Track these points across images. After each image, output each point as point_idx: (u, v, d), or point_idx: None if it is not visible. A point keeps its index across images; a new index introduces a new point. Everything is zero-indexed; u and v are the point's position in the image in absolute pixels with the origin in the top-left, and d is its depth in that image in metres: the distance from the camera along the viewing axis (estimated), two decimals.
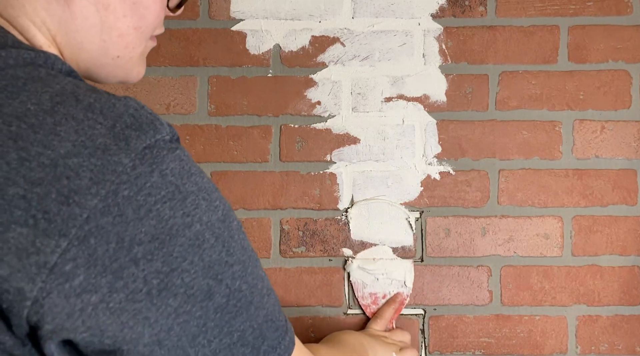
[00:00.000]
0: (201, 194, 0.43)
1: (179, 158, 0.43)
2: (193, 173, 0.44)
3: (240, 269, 0.45)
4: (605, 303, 0.94)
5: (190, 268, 0.41)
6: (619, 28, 0.95)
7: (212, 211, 0.44)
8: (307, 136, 0.95)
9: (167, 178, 0.41)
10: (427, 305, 0.95)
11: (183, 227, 0.41)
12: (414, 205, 0.95)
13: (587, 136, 0.95)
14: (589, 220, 0.95)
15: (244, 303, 0.45)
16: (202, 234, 0.42)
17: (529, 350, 0.94)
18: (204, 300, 0.42)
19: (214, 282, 0.43)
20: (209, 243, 0.43)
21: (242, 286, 0.45)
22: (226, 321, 0.44)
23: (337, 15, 0.96)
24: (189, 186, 0.43)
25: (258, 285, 0.47)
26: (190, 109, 0.95)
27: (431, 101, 0.95)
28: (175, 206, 0.41)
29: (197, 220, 0.42)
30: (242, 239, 0.47)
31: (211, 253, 0.43)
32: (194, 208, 0.42)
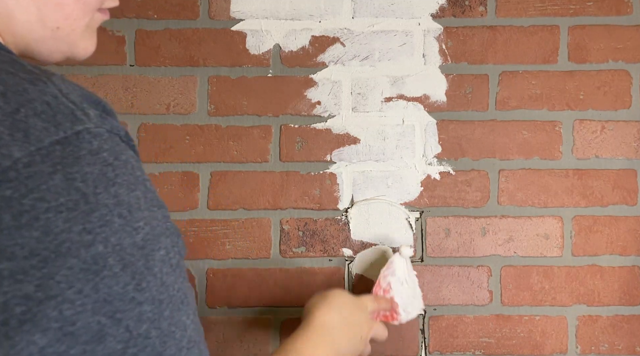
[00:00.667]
0: (118, 210, 0.36)
1: (103, 162, 0.36)
2: (117, 183, 0.36)
3: (152, 310, 0.36)
4: (605, 303, 0.94)
5: (76, 298, 0.33)
6: (619, 28, 0.95)
7: (127, 232, 0.36)
8: (307, 136, 0.95)
9: (74, 184, 0.34)
10: (427, 305, 0.95)
11: (78, 246, 0.33)
12: (414, 205, 0.95)
13: (587, 136, 0.95)
14: (589, 220, 0.95)
15: (150, 354, 0.36)
16: (104, 259, 0.34)
17: (529, 350, 0.94)
18: (89, 342, 0.33)
19: (108, 321, 0.34)
20: (111, 271, 0.34)
21: (151, 332, 0.36)
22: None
23: (337, 15, 0.96)
24: (103, 197, 0.35)
25: (176, 334, 0.38)
26: (190, 109, 0.95)
27: (431, 101, 0.95)
28: (74, 219, 0.34)
29: (101, 241, 0.34)
30: (166, 273, 0.38)
31: (112, 284, 0.34)
32: (101, 225, 0.35)
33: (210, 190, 0.95)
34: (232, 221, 0.95)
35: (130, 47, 0.95)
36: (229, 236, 0.95)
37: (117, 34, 0.95)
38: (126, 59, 0.95)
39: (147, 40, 0.95)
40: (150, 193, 0.39)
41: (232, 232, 0.95)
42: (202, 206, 0.95)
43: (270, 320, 0.94)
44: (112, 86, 0.95)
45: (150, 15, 0.95)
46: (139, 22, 0.95)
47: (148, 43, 0.95)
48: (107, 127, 0.37)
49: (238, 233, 0.95)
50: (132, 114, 0.95)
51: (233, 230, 0.95)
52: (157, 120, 0.95)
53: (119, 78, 0.95)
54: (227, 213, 0.95)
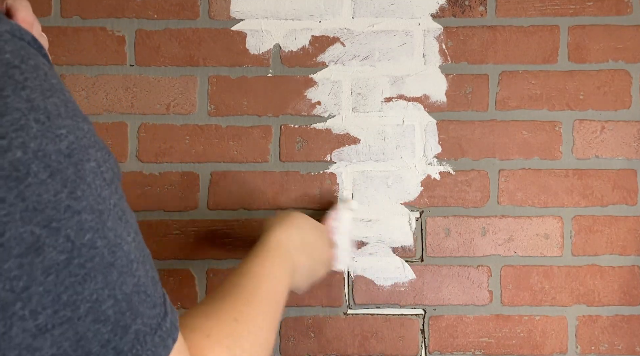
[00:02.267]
0: (33, 115, 0.32)
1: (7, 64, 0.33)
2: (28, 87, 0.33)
3: (93, 219, 0.34)
4: (605, 303, 0.94)
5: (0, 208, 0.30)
6: (619, 28, 0.95)
7: (50, 138, 0.33)
8: (307, 136, 0.95)
9: None
10: (427, 305, 0.95)
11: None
12: (414, 205, 0.95)
13: (587, 136, 0.95)
14: (589, 220, 0.95)
15: (100, 264, 0.34)
16: (26, 165, 0.31)
17: (529, 350, 0.94)
18: (24, 255, 0.31)
19: (44, 231, 0.31)
20: (37, 178, 0.31)
21: (97, 242, 0.34)
22: (66, 285, 0.32)
23: (337, 15, 0.96)
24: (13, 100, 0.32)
25: (123, 246, 0.36)
26: (190, 109, 0.95)
27: (431, 101, 0.95)
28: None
29: (19, 145, 0.31)
30: (100, 186, 0.35)
31: (40, 191, 0.31)
32: (14, 129, 0.31)
33: (210, 190, 0.95)
34: (232, 221, 0.95)
35: (130, 47, 0.95)
36: (229, 236, 0.95)
37: (117, 34, 0.95)
38: (126, 59, 0.95)
39: (147, 40, 0.95)
40: (71, 103, 0.35)
41: (232, 232, 0.95)
42: (202, 206, 0.95)
43: None
44: (112, 86, 0.95)
45: (150, 15, 0.95)
46: (139, 22, 0.95)
47: (148, 43, 0.95)
48: (6, 27, 0.34)
49: (238, 233, 0.95)
50: (132, 114, 0.95)
51: (233, 230, 0.95)
52: (157, 120, 0.95)
53: (119, 78, 0.95)
54: (227, 213, 0.95)
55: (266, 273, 0.61)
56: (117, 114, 0.95)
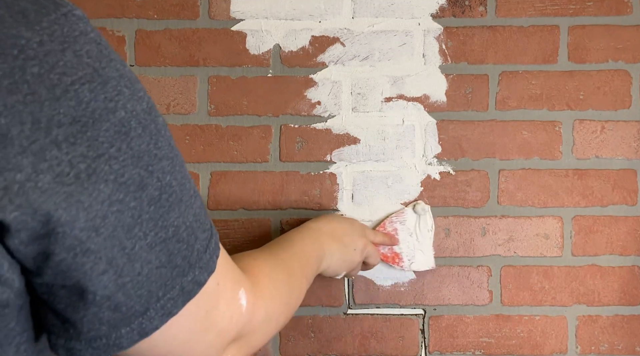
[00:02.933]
0: (123, 81, 0.40)
1: (95, 41, 0.40)
2: (113, 59, 0.41)
3: (169, 164, 0.43)
4: (605, 303, 0.94)
5: (119, 155, 0.39)
6: (619, 28, 0.95)
7: (137, 100, 0.41)
8: (307, 136, 0.95)
9: (83, 59, 0.38)
10: (427, 305, 0.95)
11: (106, 112, 0.38)
12: None
13: (587, 136, 0.95)
14: (589, 220, 0.95)
15: (175, 199, 0.43)
16: (128, 122, 0.40)
17: (529, 350, 0.94)
18: (136, 191, 0.40)
19: (145, 173, 0.41)
20: (136, 132, 0.40)
21: (172, 182, 0.43)
22: (160, 214, 0.42)
23: (337, 15, 0.96)
24: (109, 71, 0.40)
25: (186, 185, 0.45)
26: (190, 109, 0.95)
27: (431, 101, 0.95)
28: (95, 89, 0.38)
29: (122, 106, 0.39)
30: (169, 136, 0.45)
31: (139, 142, 0.40)
32: (116, 93, 0.39)
33: (210, 190, 0.95)
34: (232, 221, 0.95)
35: (130, 47, 0.95)
36: (229, 236, 0.95)
37: (117, 34, 0.95)
38: (126, 59, 0.95)
39: (147, 40, 0.95)
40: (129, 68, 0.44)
41: (232, 232, 0.95)
42: None
43: None
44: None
45: (150, 15, 0.95)
46: (139, 22, 0.95)
47: (148, 43, 0.95)
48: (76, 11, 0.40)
49: (238, 233, 0.95)
50: None
51: (233, 230, 0.95)
52: None
53: None
54: (227, 213, 0.95)
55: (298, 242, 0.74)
56: None
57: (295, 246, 0.73)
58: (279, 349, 0.94)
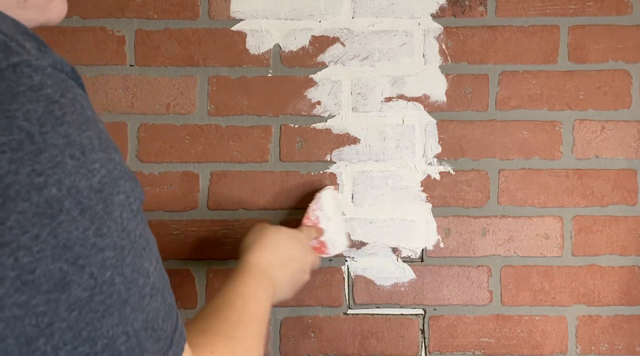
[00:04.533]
0: (69, 151, 0.33)
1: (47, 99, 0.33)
2: (66, 122, 0.34)
3: (114, 256, 0.35)
4: (605, 303, 0.94)
5: (33, 244, 0.31)
6: (619, 28, 0.95)
7: (83, 175, 0.34)
8: (307, 136, 0.95)
9: (15, 122, 0.31)
10: (427, 305, 0.95)
11: (29, 189, 0.31)
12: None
13: (587, 136, 0.95)
14: (589, 220, 0.95)
15: (116, 301, 0.35)
16: (60, 203, 0.32)
17: (529, 350, 0.94)
18: (51, 291, 0.32)
19: (71, 268, 0.32)
20: (69, 215, 0.32)
21: (115, 279, 0.35)
22: (86, 322, 0.33)
23: (337, 15, 0.96)
24: (52, 137, 0.32)
25: (139, 281, 0.37)
26: (190, 109, 0.95)
27: (431, 101, 0.95)
28: (20, 160, 0.31)
29: (54, 182, 0.32)
30: (126, 219, 0.36)
31: (71, 228, 0.32)
32: (51, 166, 0.32)
33: (210, 190, 0.95)
34: (232, 221, 0.95)
35: (130, 47, 0.95)
36: (229, 236, 0.95)
37: (117, 34, 0.95)
38: (126, 59, 0.95)
39: (147, 40, 0.95)
40: (104, 134, 0.37)
41: (232, 232, 0.95)
42: (202, 206, 0.95)
43: (270, 320, 0.94)
44: (112, 86, 0.95)
45: (150, 15, 0.95)
46: (139, 22, 0.95)
47: (148, 43, 0.95)
48: (48, 61, 0.35)
49: (238, 233, 0.95)
50: (132, 114, 0.95)
51: (233, 230, 0.95)
52: (157, 120, 0.95)
53: (119, 78, 0.95)
54: (227, 213, 0.95)
55: (251, 294, 0.65)
56: (117, 114, 0.95)
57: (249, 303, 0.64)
58: (279, 349, 0.94)
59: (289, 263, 0.75)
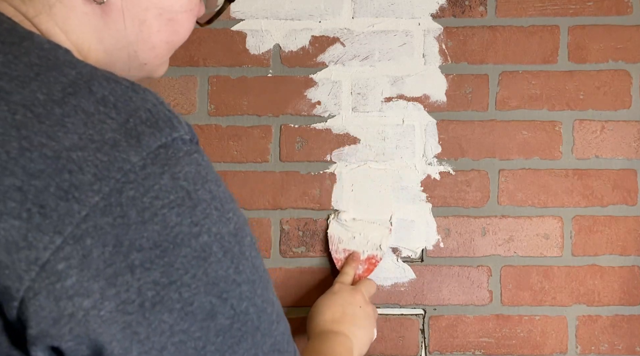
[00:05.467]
0: (214, 204, 0.40)
1: (196, 162, 0.40)
2: (209, 180, 0.41)
3: (248, 289, 0.41)
4: (605, 303, 0.94)
5: (192, 282, 0.38)
6: (619, 28, 0.95)
7: (224, 222, 0.40)
8: (307, 136, 0.95)
9: (179, 182, 0.38)
10: (427, 305, 0.95)
11: (189, 237, 0.38)
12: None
13: (587, 136, 0.95)
14: (589, 220, 0.95)
15: (250, 328, 0.41)
16: (210, 247, 0.39)
17: (529, 350, 0.94)
18: (205, 320, 0.38)
19: (217, 301, 0.39)
20: (216, 257, 0.39)
21: (250, 309, 0.41)
22: (229, 346, 0.40)
23: (337, 15, 0.96)
24: (202, 193, 0.39)
25: (267, 309, 0.43)
26: (190, 109, 0.95)
27: (431, 101, 0.95)
28: (183, 213, 0.38)
29: (206, 231, 0.39)
30: (254, 257, 0.43)
31: (217, 268, 0.39)
32: (203, 217, 0.39)
33: None
34: None
35: None
36: None
37: None
38: None
39: None
40: (227, 188, 0.43)
41: None
42: None
43: None
44: None
45: None
46: None
47: None
48: (191, 135, 0.41)
49: None
50: None
51: None
52: None
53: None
54: None
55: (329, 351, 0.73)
56: None
57: None
58: None
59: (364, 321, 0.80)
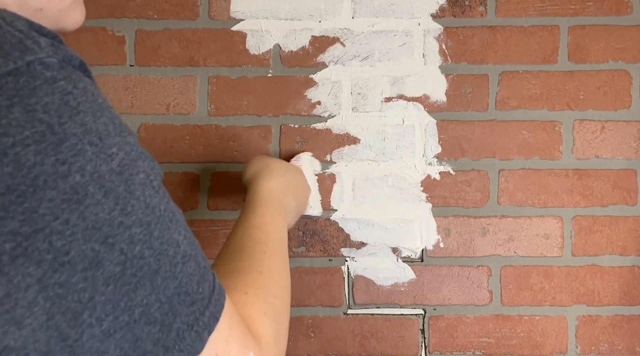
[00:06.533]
0: (87, 138, 0.35)
1: (62, 91, 0.35)
2: (81, 111, 0.36)
3: (142, 232, 0.37)
4: (605, 303, 0.94)
5: (65, 229, 0.33)
6: (619, 28, 0.95)
7: (102, 160, 0.36)
8: (307, 136, 0.95)
9: (36, 115, 0.33)
10: (427, 305, 0.95)
11: (55, 177, 0.33)
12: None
13: (587, 136, 0.95)
14: (589, 220, 0.95)
15: (147, 273, 0.38)
16: (84, 188, 0.34)
17: (529, 350, 0.94)
18: (87, 269, 0.34)
19: (102, 247, 0.35)
20: (93, 198, 0.35)
21: (145, 252, 0.37)
22: (122, 294, 0.36)
23: (337, 15, 0.96)
24: (70, 126, 0.35)
25: (169, 251, 0.39)
26: (190, 109, 0.95)
27: (431, 101, 0.95)
28: (44, 151, 0.33)
29: (77, 170, 0.34)
30: (149, 195, 0.38)
31: (97, 211, 0.35)
32: (73, 154, 0.34)
33: (210, 190, 0.95)
34: (232, 221, 0.95)
35: (130, 47, 0.95)
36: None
37: (117, 34, 0.95)
38: (126, 59, 0.95)
39: (147, 40, 0.95)
40: (117, 119, 0.39)
41: None
42: (202, 206, 0.95)
43: None
44: (112, 85, 0.95)
45: (150, 15, 0.95)
46: (139, 22, 0.95)
47: (148, 43, 0.95)
48: (59, 57, 0.36)
49: None
50: (132, 114, 0.95)
51: None
52: (157, 120, 0.95)
53: (119, 78, 0.95)
54: (227, 213, 0.95)
55: (269, 223, 0.66)
56: None
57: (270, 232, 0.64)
58: None
59: (295, 191, 0.77)
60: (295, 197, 0.76)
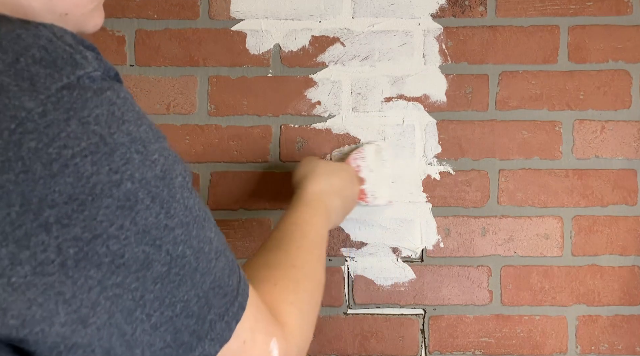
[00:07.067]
0: (134, 146, 0.37)
1: (109, 102, 0.37)
2: (126, 121, 0.38)
3: (183, 232, 0.40)
4: (605, 303, 0.94)
5: (120, 233, 0.36)
6: (619, 28, 0.95)
7: (148, 166, 0.38)
8: (307, 136, 0.95)
9: (89, 127, 0.35)
10: (427, 305, 0.95)
11: (110, 186, 0.36)
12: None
13: (587, 136, 0.95)
14: (589, 220, 0.95)
15: (188, 270, 0.41)
16: (135, 194, 0.37)
17: (529, 350, 0.94)
18: (139, 270, 0.37)
19: (151, 249, 0.38)
20: (143, 204, 0.37)
21: (186, 252, 0.40)
22: (168, 291, 0.39)
23: (337, 15, 0.96)
24: (119, 136, 0.37)
25: (205, 249, 0.42)
26: (190, 109, 0.96)
27: (431, 101, 0.95)
28: (99, 161, 0.35)
29: (128, 178, 0.36)
30: (187, 197, 0.41)
31: (147, 215, 0.37)
32: (123, 163, 0.36)
33: (210, 190, 0.95)
34: (232, 221, 0.95)
35: (130, 47, 0.95)
36: (229, 236, 0.95)
37: (117, 34, 0.95)
38: (126, 59, 0.95)
39: (147, 40, 0.95)
40: (153, 125, 0.41)
41: (232, 232, 0.95)
42: None
43: None
44: None
45: (150, 15, 0.95)
46: (139, 22, 0.95)
47: (148, 43, 0.95)
48: (102, 69, 0.38)
49: (238, 233, 0.95)
50: None
51: (233, 230, 0.95)
52: (157, 120, 0.95)
53: None
54: (227, 213, 0.95)
55: (307, 221, 0.70)
56: None
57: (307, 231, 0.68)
58: None
59: (340, 190, 0.79)
60: (340, 196, 0.79)
